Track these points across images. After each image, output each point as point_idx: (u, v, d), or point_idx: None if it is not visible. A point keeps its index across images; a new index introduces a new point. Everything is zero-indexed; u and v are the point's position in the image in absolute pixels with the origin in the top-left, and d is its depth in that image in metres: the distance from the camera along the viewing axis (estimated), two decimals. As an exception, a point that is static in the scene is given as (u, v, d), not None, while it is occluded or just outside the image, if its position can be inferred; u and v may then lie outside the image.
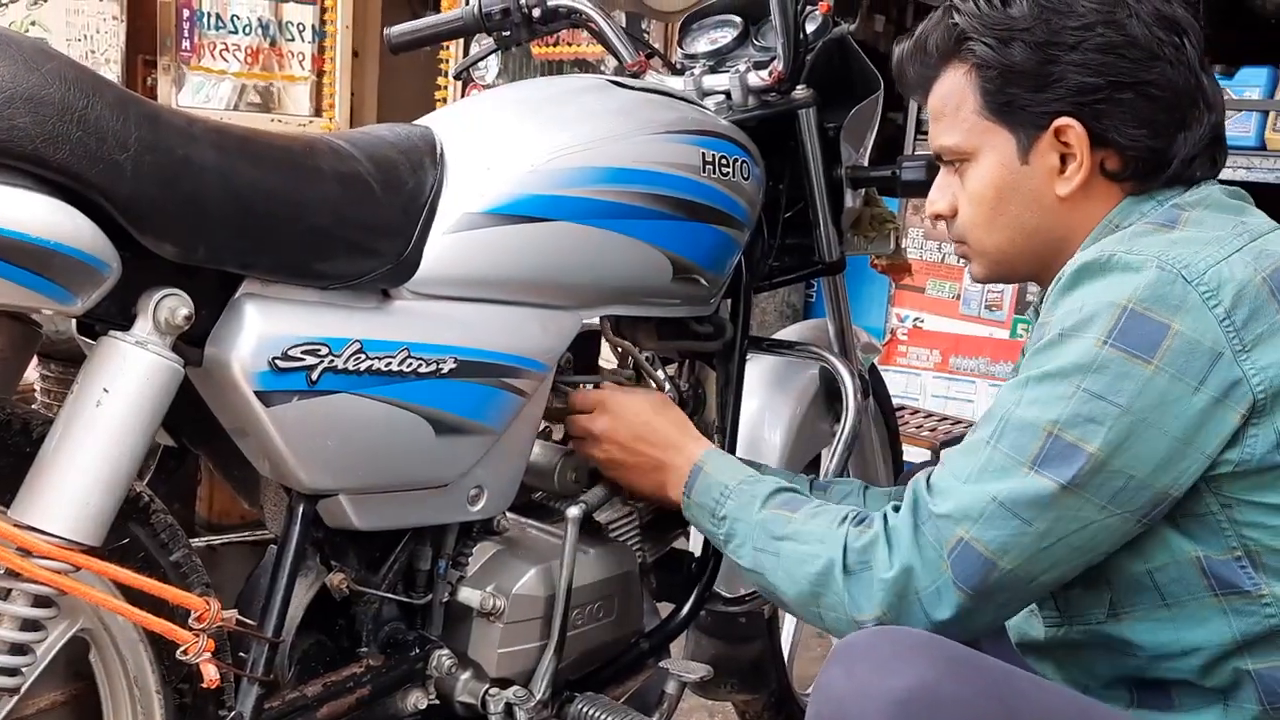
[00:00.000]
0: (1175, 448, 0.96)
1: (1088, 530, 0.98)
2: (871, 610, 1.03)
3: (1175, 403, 0.95)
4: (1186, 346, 0.95)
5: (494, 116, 1.29)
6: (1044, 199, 1.10)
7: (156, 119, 0.92)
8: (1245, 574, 0.99)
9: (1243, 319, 0.95)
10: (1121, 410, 0.95)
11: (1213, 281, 0.96)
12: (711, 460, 1.25)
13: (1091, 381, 0.96)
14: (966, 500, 0.99)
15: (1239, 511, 0.98)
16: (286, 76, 4.65)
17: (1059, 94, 1.06)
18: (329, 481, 1.08)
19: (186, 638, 0.96)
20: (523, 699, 1.23)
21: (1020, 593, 1.01)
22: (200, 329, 0.99)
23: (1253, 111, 3.04)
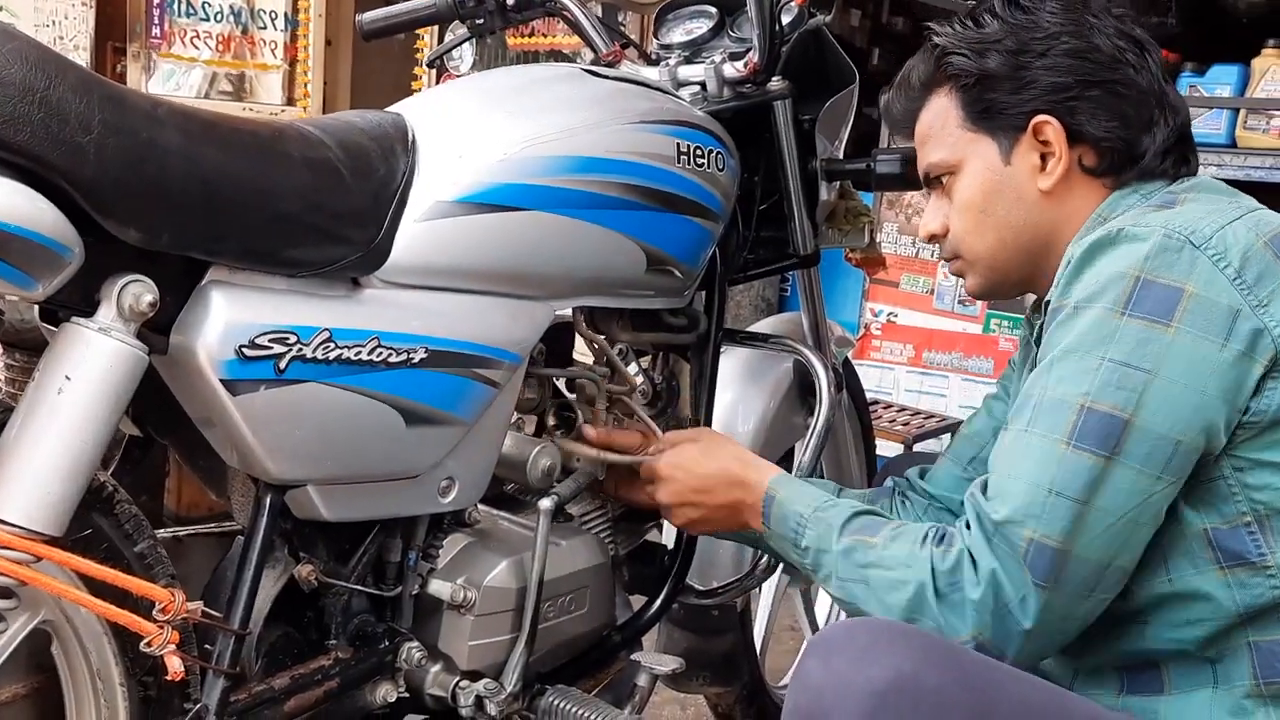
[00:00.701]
0: (1214, 405, 0.97)
1: (1149, 503, 0.98)
2: (967, 630, 1.01)
3: (1204, 360, 0.97)
4: (1203, 307, 0.97)
5: (467, 104, 1.27)
6: (1028, 196, 1.15)
7: (121, 101, 0.91)
8: (1253, 541, 1.00)
9: (1253, 277, 0.98)
10: (1149, 375, 0.97)
11: (1219, 245, 0.99)
12: (782, 488, 1.23)
13: (1114, 351, 0.98)
14: (1021, 499, 0.99)
15: (1250, 474, 0.99)
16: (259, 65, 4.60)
17: (1033, 94, 1.12)
18: (297, 472, 1.07)
19: (151, 630, 0.95)
20: (493, 691, 1.22)
21: (1102, 580, 1.00)
22: (166, 316, 0.98)
23: (1223, 109, 3.07)
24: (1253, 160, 3.04)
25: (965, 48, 1.16)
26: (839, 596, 1.14)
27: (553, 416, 1.41)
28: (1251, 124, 3.07)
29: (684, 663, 1.34)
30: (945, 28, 1.18)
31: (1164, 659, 1.06)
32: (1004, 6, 1.15)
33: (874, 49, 4.45)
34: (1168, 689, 1.05)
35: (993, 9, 1.16)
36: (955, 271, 1.25)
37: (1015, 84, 1.13)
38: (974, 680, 0.95)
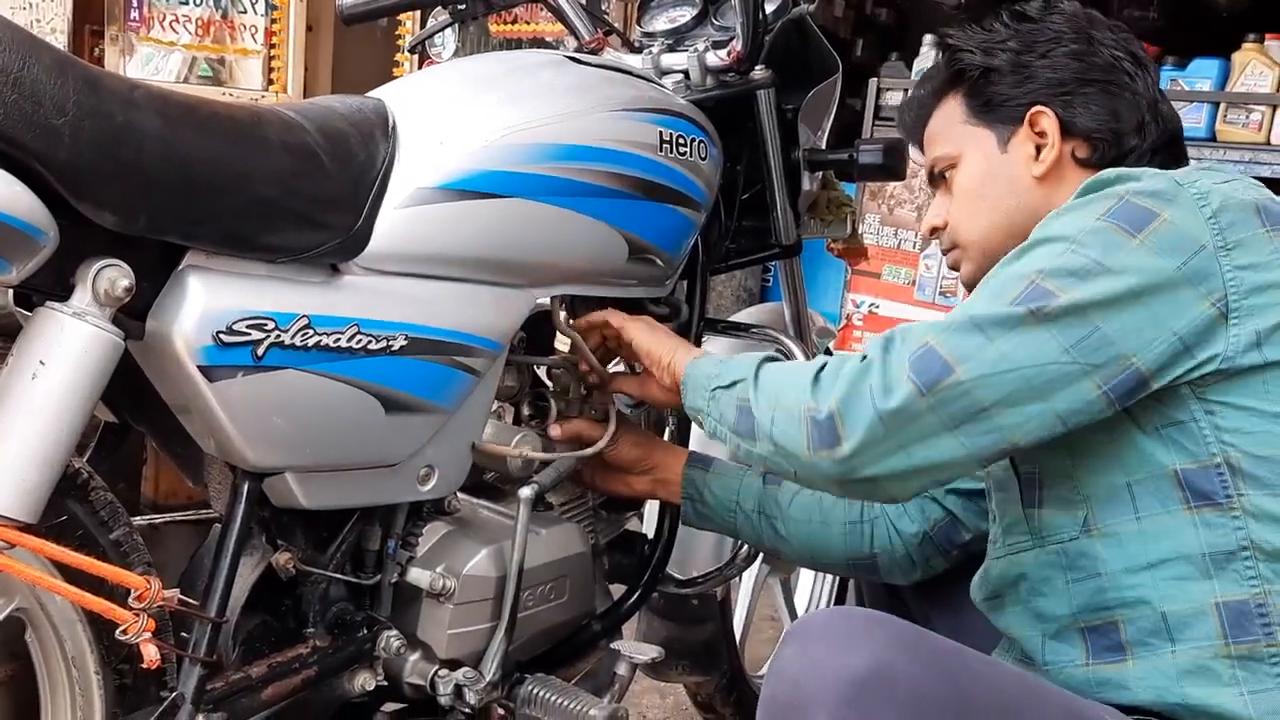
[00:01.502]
0: (1146, 316, 1.00)
1: (1045, 371, 1.00)
2: (827, 400, 1.05)
3: (1153, 273, 1.00)
4: (1173, 231, 1.02)
5: (448, 90, 1.26)
6: (1022, 182, 1.20)
7: (96, 83, 0.89)
8: (1221, 482, 1.02)
9: (1227, 222, 1.02)
10: (1101, 268, 1.01)
11: (1203, 188, 1.05)
12: (706, 355, 1.29)
13: (1079, 244, 1.03)
14: (940, 322, 1.05)
15: (1221, 417, 1.02)
16: (239, 50, 4.56)
17: (1033, 88, 1.20)
18: (275, 459, 1.06)
19: (126, 617, 0.94)
20: (472, 680, 1.22)
21: (971, 421, 1.01)
22: (142, 301, 0.97)
23: (1203, 103, 3.09)
24: (1232, 154, 3.07)
25: (974, 46, 1.24)
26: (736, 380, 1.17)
27: (528, 406, 1.41)
28: (1231, 118, 3.09)
29: (663, 652, 1.34)
30: (957, 31, 1.27)
31: (1120, 613, 1.06)
32: (1013, 17, 1.23)
33: (858, 40, 4.46)
34: (1128, 651, 1.05)
35: (1002, 18, 1.24)
36: (952, 263, 1.29)
37: (1017, 78, 1.20)
38: (951, 670, 0.95)
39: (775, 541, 1.43)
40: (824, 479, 1.08)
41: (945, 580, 1.43)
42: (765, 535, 1.43)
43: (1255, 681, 1.00)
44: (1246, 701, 1.00)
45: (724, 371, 1.20)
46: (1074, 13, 1.22)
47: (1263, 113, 3.03)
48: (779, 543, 1.43)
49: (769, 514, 1.42)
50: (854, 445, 1.03)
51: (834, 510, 1.42)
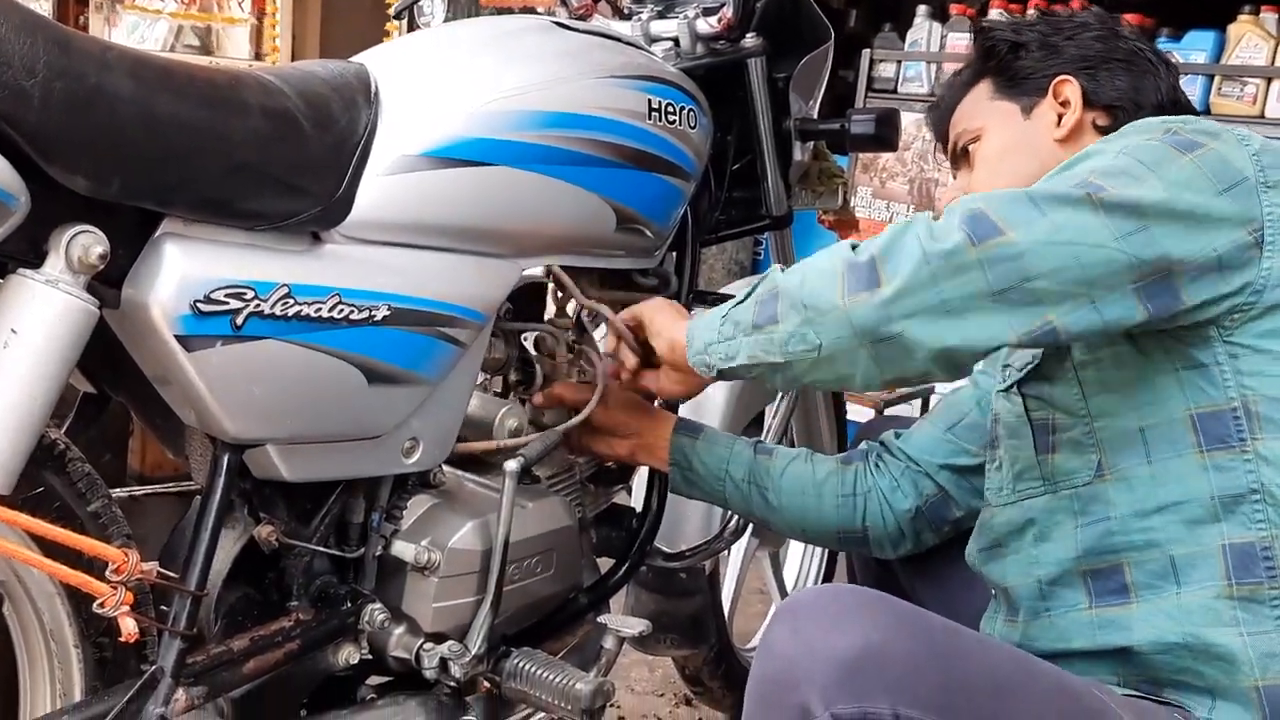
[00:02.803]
0: (1191, 226, 1.02)
1: (1095, 252, 0.99)
2: (869, 248, 1.04)
3: (1199, 189, 1.02)
4: (1219, 159, 1.05)
5: (432, 55, 1.24)
6: (1043, 147, 1.23)
7: (68, 44, 0.87)
8: (1236, 426, 1.03)
9: (1269, 162, 1.06)
10: (1152, 173, 1.03)
11: (1244, 132, 1.10)
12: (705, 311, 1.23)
13: (1132, 153, 1.05)
14: (995, 195, 1.03)
15: (1243, 359, 1.03)
16: (226, 19, 4.52)
17: (1058, 62, 1.24)
18: (256, 431, 1.04)
19: (104, 590, 0.93)
20: (458, 654, 1.21)
21: (1012, 286, 0.99)
22: (118, 269, 0.95)
23: (1198, 75, 3.07)
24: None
25: (1004, 26, 1.31)
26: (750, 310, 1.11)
27: (515, 373, 1.40)
28: (1226, 91, 3.07)
29: (651, 625, 1.33)
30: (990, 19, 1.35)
31: (1128, 556, 1.07)
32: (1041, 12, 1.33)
33: (851, 10, 4.42)
34: (1133, 594, 1.06)
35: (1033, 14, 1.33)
36: None
37: (1044, 53, 1.25)
38: (943, 649, 0.94)
39: (765, 512, 1.42)
40: (855, 332, 1.01)
41: (933, 552, 1.43)
42: (755, 505, 1.42)
43: (1255, 623, 1.01)
44: (1245, 642, 1.01)
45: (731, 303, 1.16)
46: (1100, 12, 1.28)
47: (1257, 85, 3.01)
48: (769, 513, 1.42)
49: (760, 484, 1.41)
50: (896, 287, 0.99)
51: (826, 483, 1.41)
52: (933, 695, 0.91)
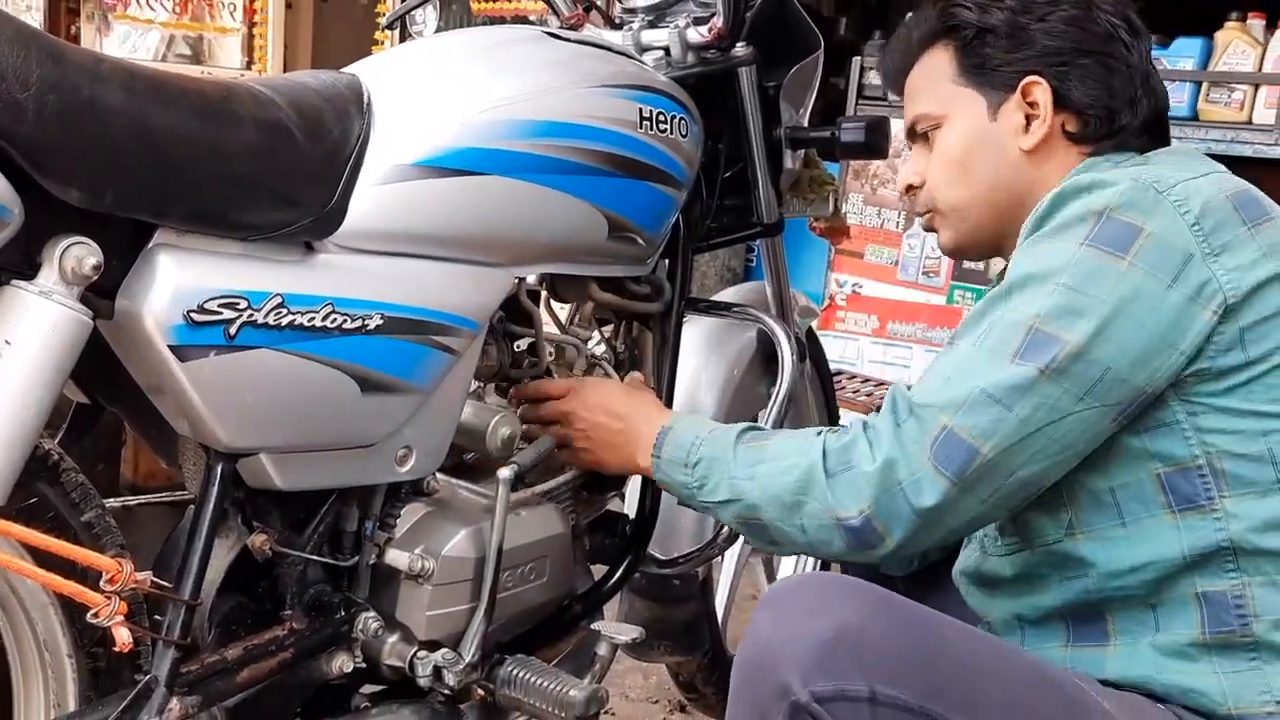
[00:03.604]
0: (1151, 342, 1.00)
1: (1066, 422, 1.01)
2: (856, 505, 1.05)
3: (1150, 297, 1.00)
4: (1158, 246, 1.01)
5: (425, 65, 1.25)
6: (1009, 154, 1.17)
7: (61, 56, 0.87)
8: (1203, 484, 1.02)
9: (1210, 226, 1.02)
10: (1098, 301, 1.00)
11: (1182, 193, 1.03)
12: (680, 420, 1.27)
13: (1069, 278, 1.02)
14: (949, 393, 1.03)
15: (1203, 418, 1.02)
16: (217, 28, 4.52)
17: (1028, 55, 1.15)
18: (249, 440, 1.05)
19: (97, 600, 0.93)
20: (451, 662, 1.21)
21: (1001, 487, 1.03)
22: (111, 280, 0.95)
23: (1186, 82, 3.08)
24: (1214, 133, 3.07)
25: (970, 1, 1.19)
26: (725, 497, 1.16)
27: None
28: (1214, 97, 3.09)
29: (645, 632, 1.33)
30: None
31: (1109, 606, 1.08)
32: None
33: (841, 18, 4.43)
34: (1112, 639, 1.07)
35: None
36: (927, 226, 1.27)
37: (1013, 42, 1.16)
38: (920, 632, 0.97)
39: None
40: (839, 552, 1.10)
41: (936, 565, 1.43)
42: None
43: (1230, 664, 1.02)
44: (1220, 680, 1.01)
45: (707, 479, 1.18)
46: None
47: (1245, 92, 3.03)
48: None
49: None
50: (898, 541, 1.05)
51: None
52: (910, 675, 0.93)
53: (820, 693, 0.92)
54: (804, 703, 0.92)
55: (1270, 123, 2.98)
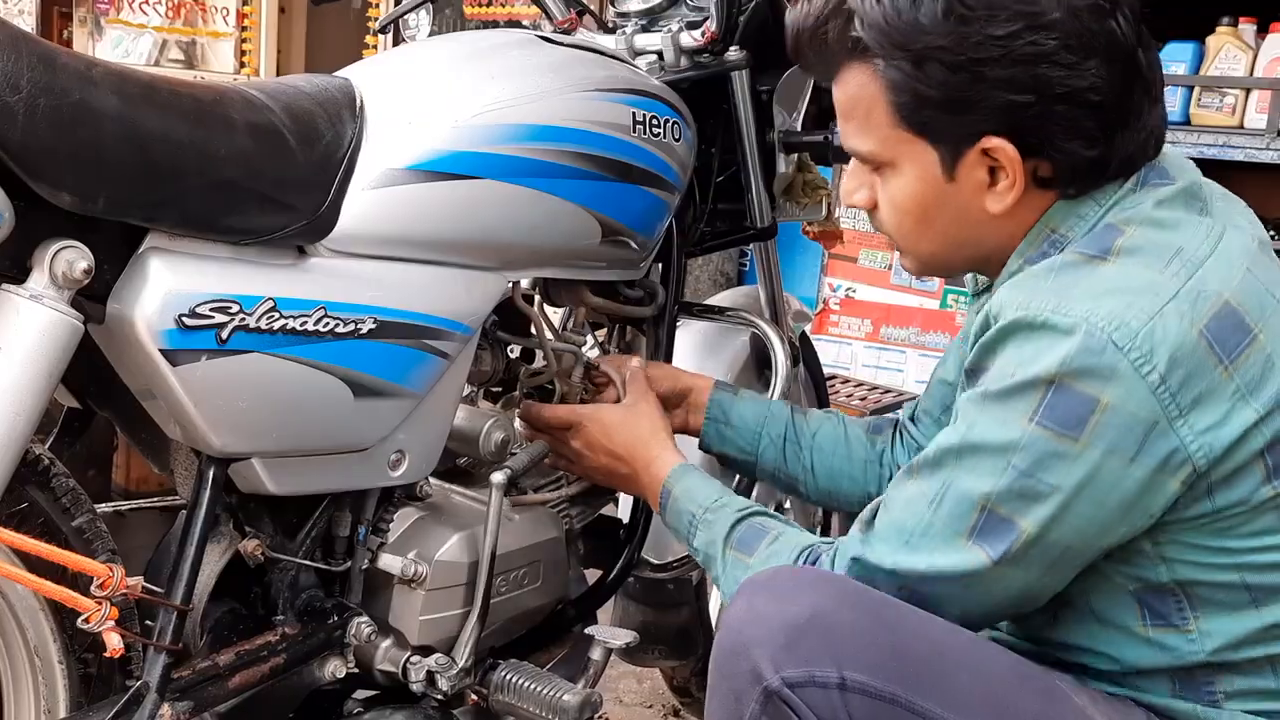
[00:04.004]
0: (1113, 517, 0.94)
1: (1025, 590, 1.00)
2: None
3: (1110, 476, 0.92)
4: (1117, 419, 0.91)
5: (417, 69, 1.25)
6: (973, 213, 1.02)
7: (52, 61, 0.87)
8: (1177, 606, 0.99)
9: (1179, 382, 0.90)
10: (1053, 489, 0.93)
11: (1145, 345, 0.90)
12: (678, 483, 1.24)
13: (1020, 459, 0.94)
14: (907, 564, 1.00)
15: (1170, 550, 0.97)
16: (210, 32, 4.51)
17: (984, 114, 0.97)
18: (241, 445, 1.04)
19: (88, 605, 0.92)
20: (445, 667, 1.21)
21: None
22: (102, 284, 0.95)
23: (1178, 86, 3.09)
24: (1206, 138, 3.07)
25: (899, 54, 0.97)
26: (719, 580, 1.18)
27: (526, 391, 1.40)
28: (1205, 102, 3.10)
29: (639, 636, 1.33)
30: (867, 4, 0.98)
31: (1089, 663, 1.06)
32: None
33: (835, 23, 4.44)
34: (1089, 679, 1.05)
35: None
36: (890, 245, 1.22)
37: (962, 105, 0.97)
38: (891, 620, 0.97)
39: (797, 471, 1.40)
40: None
41: None
42: (789, 464, 1.39)
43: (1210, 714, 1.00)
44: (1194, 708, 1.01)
45: (700, 556, 1.19)
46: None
47: (1236, 96, 3.04)
48: (801, 474, 1.40)
49: (795, 442, 1.39)
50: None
51: (856, 448, 1.39)
52: (879, 661, 0.93)
53: (791, 678, 0.92)
54: (775, 688, 0.93)
55: (1262, 127, 2.99)
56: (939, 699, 0.94)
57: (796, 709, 0.93)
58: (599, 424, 1.32)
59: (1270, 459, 0.93)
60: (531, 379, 1.40)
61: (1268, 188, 3.31)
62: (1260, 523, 0.95)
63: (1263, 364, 0.93)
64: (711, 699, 1.00)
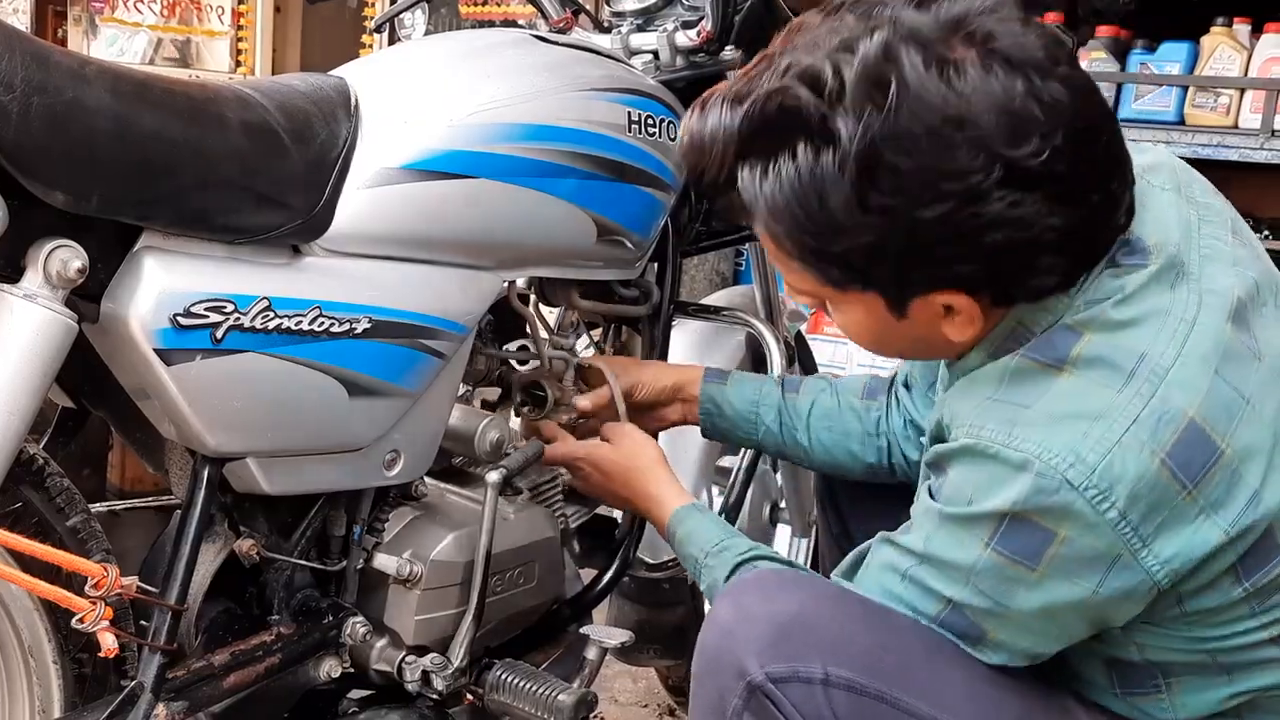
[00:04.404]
0: (1076, 629, 0.95)
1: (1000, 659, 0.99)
2: None
3: (1071, 599, 0.91)
4: (1075, 551, 0.88)
5: (412, 68, 1.24)
6: (932, 338, 0.96)
7: (46, 59, 0.87)
8: (1150, 678, 0.99)
9: (1140, 515, 0.87)
10: (1012, 610, 0.93)
11: (1103, 482, 0.86)
12: (680, 526, 1.25)
13: (980, 582, 0.93)
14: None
15: (1141, 637, 0.97)
16: (206, 31, 4.50)
17: (929, 281, 0.90)
18: (236, 444, 1.04)
19: (82, 605, 0.92)
20: (440, 666, 1.21)
21: None
22: (96, 283, 0.95)
23: (1173, 87, 3.10)
24: (1200, 138, 3.08)
25: (811, 251, 0.90)
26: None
27: (522, 396, 1.40)
28: (1200, 101, 3.10)
29: (634, 636, 1.34)
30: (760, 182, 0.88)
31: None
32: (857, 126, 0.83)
33: (830, 23, 4.44)
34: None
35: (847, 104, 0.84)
36: None
37: (899, 279, 0.90)
38: (873, 618, 0.98)
39: (798, 450, 1.41)
40: None
41: None
42: (789, 445, 1.41)
43: None
44: None
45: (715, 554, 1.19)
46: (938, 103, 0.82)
47: (1230, 96, 3.05)
48: (802, 451, 1.41)
49: (791, 425, 1.40)
50: None
51: (852, 422, 1.38)
52: (864, 657, 0.94)
53: (775, 673, 0.93)
54: (759, 682, 0.93)
55: (1256, 127, 3.00)
56: (924, 696, 0.95)
57: (779, 704, 0.93)
58: (604, 468, 1.34)
59: (1241, 567, 0.91)
60: (524, 383, 1.40)
61: (1262, 188, 3.32)
62: (1232, 613, 0.93)
63: (1228, 480, 0.88)
64: (695, 696, 1.01)
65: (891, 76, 0.83)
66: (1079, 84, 0.86)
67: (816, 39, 0.88)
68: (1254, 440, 0.89)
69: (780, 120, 0.86)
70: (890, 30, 0.84)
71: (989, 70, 0.83)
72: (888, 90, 0.83)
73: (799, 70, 0.86)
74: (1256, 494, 0.88)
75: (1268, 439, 0.90)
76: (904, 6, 0.87)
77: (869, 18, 0.87)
